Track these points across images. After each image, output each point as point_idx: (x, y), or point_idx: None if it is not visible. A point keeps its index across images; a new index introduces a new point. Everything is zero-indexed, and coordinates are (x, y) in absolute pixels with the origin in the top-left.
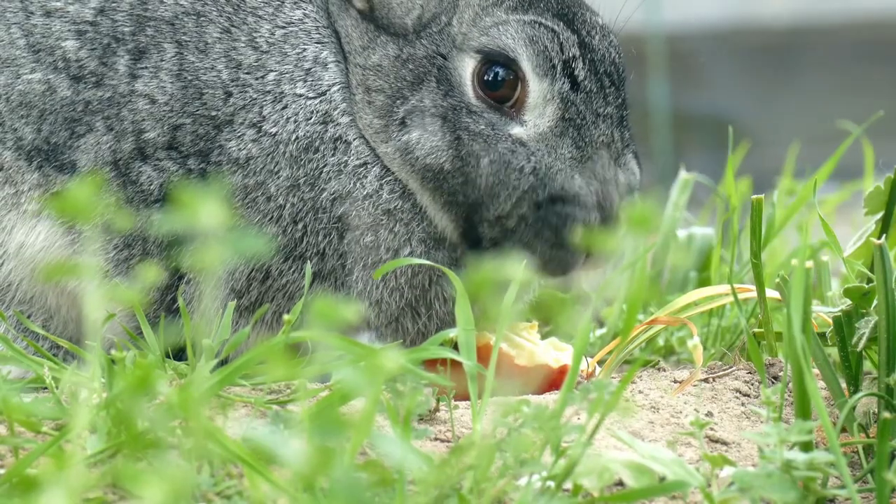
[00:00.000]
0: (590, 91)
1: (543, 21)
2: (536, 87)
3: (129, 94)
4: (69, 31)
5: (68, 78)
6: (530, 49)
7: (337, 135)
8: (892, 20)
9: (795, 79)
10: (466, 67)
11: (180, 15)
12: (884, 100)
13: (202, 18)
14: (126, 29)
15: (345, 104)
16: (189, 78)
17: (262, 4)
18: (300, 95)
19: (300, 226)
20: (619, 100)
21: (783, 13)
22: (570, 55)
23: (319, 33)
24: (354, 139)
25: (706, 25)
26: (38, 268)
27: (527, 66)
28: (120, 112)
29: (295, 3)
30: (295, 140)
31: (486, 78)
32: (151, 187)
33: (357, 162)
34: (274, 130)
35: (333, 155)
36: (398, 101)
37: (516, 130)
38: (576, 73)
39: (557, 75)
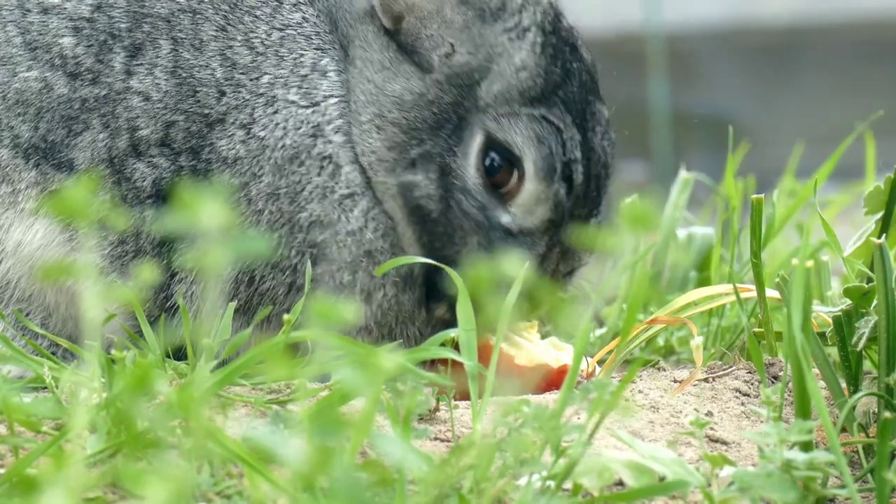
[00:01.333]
0: (578, 195)
1: (551, 117)
2: (533, 188)
3: (124, 91)
4: (66, 27)
5: (65, 75)
6: (537, 152)
7: (326, 153)
8: (892, 20)
9: (795, 79)
10: (476, 136)
11: (176, 12)
12: (884, 100)
13: (198, 16)
14: (123, 25)
15: (341, 120)
16: (184, 75)
17: (260, 4)
18: (292, 102)
19: (275, 236)
20: (596, 202)
21: (783, 13)
22: (572, 157)
23: (321, 39)
24: (346, 164)
25: (706, 25)
26: (37, 266)
27: (530, 167)
28: (115, 109)
29: (294, 5)
30: (281, 147)
31: (486, 162)
32: (144, 184)
33: (345, 192)
34: (262, 134)
35: (319, 175)
36: (414, 142)
37: (505, 219)
38: (573, 176)
39: (556, 178)
